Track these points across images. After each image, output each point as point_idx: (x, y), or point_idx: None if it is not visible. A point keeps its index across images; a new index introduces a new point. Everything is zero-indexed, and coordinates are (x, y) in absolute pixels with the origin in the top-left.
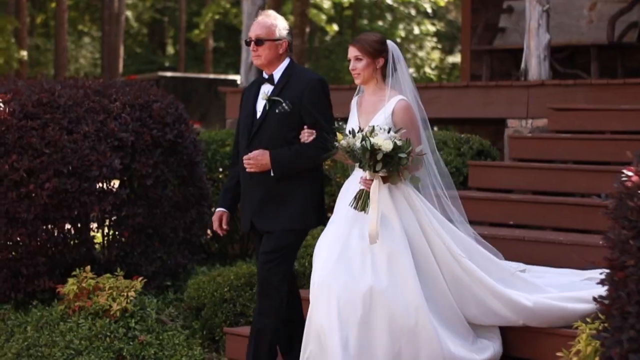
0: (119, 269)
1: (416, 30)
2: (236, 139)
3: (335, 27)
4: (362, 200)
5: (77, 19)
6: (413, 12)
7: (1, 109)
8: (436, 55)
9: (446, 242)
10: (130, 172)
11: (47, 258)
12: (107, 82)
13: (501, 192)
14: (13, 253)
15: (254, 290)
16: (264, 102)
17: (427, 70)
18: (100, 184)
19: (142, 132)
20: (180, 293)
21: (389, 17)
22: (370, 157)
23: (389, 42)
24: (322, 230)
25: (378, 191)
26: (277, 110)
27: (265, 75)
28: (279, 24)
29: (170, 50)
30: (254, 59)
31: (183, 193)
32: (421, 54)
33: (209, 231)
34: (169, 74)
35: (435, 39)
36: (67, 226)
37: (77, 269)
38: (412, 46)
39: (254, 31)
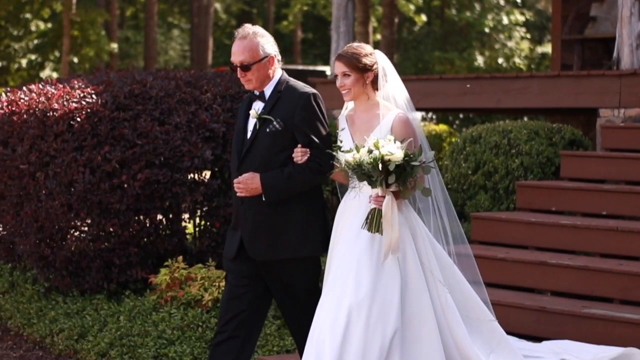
0: (210, 259)
1: (505, 20)
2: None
3: (423, 17)
4: (375, 221)
5: (167, 11)
6: (502, 1)
7: (94, 100)
8: (525, 45)
9: (438, 278)
10: (221, 163)
11: (139, 248)
12: (198, 73)
13: (594, 182)
14: (106, 243)
15: None
16: (255, 120)
17: (517, 60)
18: (192, 175)
19: (233, 122)
20: None
21: (477, 7)
22: (381, 169)
23: (377, 53)
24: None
25: (392, 207)
26: (267, 130)
27: (256, 92)
28: (260, 41)
29: None
30: (245, 84)
31: None
32: (510, 44)
33: None
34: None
35: (524, 29)
36: (159, 217)
37: (169, 260)
38: (501, 36)
39: (237, 57)
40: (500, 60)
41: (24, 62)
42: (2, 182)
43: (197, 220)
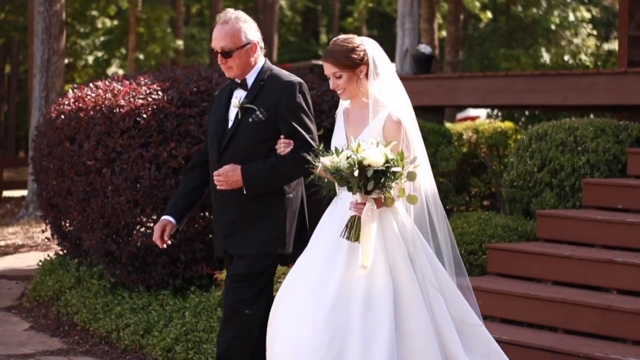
0: None
1: (571, 17)
2: (204, 147)
3: (489, 14)
4: (355, 229)
5: (232, 7)
6: None
7: (160, 97)
8: (591, 42)
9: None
10: None
11: (204, 244)
12: None
13: None
14: (172, 240)
15: None
16: (236, 109)
17: (583, 57)
18: None
19: None
20: None
21: (543, 3)
22: (359, 175)
23: (366, 41)
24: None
25: (372, 216)
26: (250, 119)
27: (238, 80)
28: (242, 26)
29: (323, 38)
30: (225, 71)
31: None
32: (576, 40)
33: None
34: (322, 62)
35: (590, 26)
36: None
37: None
38: (567, 33)
39: (218, 43)
40: (566, 57)
41: (90, 59)
42: (69, 178)
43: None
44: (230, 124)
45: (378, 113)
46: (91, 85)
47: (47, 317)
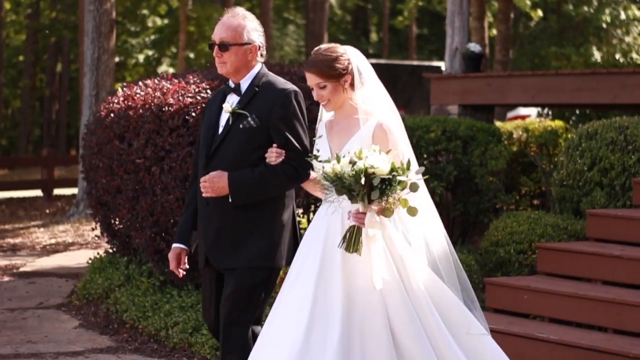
0: None
1: (622, 15)
2: (195, 157)
3: (539, 12)
4: (354, 240)
5: (282, 6)
6: None
7: (208, 95)
8: None
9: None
10: None
11: None
12: None
13: None
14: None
15: None
16: (228, 115)
17: (634, 55)
18: None
19: None
20: None
21: (594, 2)
22: (364, 183)
23: (349, 50)
24: None
25: (375, 226)
26: (241, 125)
27: (232, 84)
28: (247, 25)
29: (373, 37)
30: (218, 66)
31: None
32: (628, 39)
33: None
34: (372, 60)
35: None
36: None
37: None
38: (619, 31)
39: (218, 34)
40: (617, 56)
41: (141, 57)
42: (118, 177)
43: (311, 215)
44: (220, 129)
45: (365, 122)
46: (140, 83)
47: (96, 315)
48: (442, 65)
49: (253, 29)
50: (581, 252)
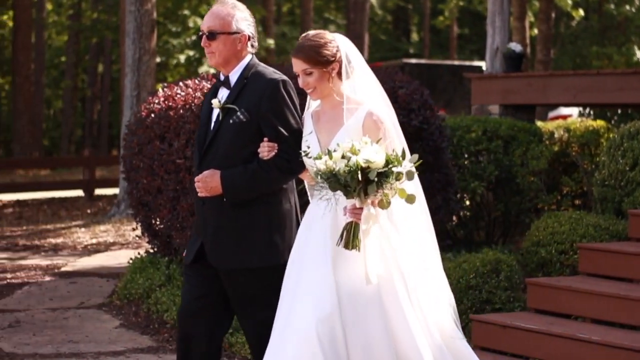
0: None
1: None
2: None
3: (581, 12)
4: (352, 236)
5: (323, 6)
6: None
7: None
8: None
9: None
10: None
11: None
12: None
13: None
14: None
15: (500, 277)
16: (218, 110)
17: None
18: None
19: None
20: None
21: (636, 1)
22: (361, 179)
23: (338, 37)
24: None
25: (370, 218)
26: (231, 121)
27: (222, 77)
28: (236, 14)
29: (414, 37)
30: (208, 57)
31: (428, 179)
32: None
33: (454, 217)
34: (413, 60)
35: None
36: None
37: None
38: None
39: (206, 23)
40: None
41: (182, 58)
42: (159, 177)
43: None
44: (212, 126)
45: (354, 112)
46: (181, 84)
47: (137, 315)
48: (482, 65)
49: (242, 19)
50: (623, 252)
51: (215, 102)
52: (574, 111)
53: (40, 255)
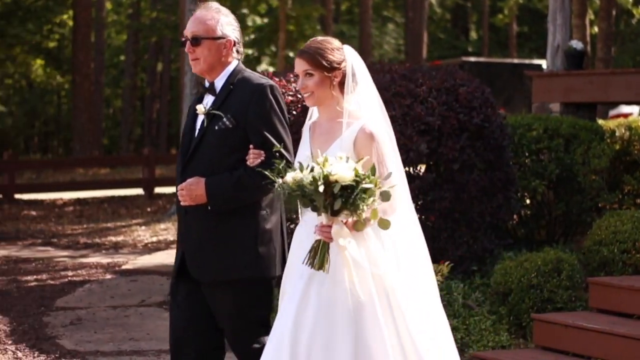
0: None
1: None
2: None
3: None
4: (319, 255)
5: (382, 5)
6: None
7: None
8: None
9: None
10: (436, 157)
11: None
12: (413, 66)
13: None
14: None
15: (562, 276)
16: (203, 117)
17: None
18: (407, 168)
19: (448, 116)
20: (487, 278)
21: None
22: (325, 192)
23: (346, 48)
24: None
25: (344, 235)
26: (216, 127)
27: (207, 84)
28: (221, 18)
29: (473, 35)
30: (191, 64)
31: (490, 177)
32: None
33: (515, 216)
34: (472, 58)
35: None
36: None
37: None
38: None
39: (190, 28)
40: None
41: None
42: None
43: None
44: (196, 132)
45: (351, 125)
46: None
47: None
48: (542, 63)
49: (227, 23)
50: None
51: (200, 107)
52: (634, 110)
53: (101, 253)
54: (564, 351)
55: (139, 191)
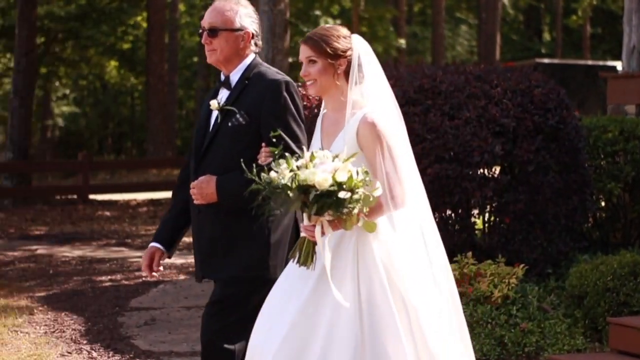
0: (499, 256)
1: None
2: (186, 161)
3: None
4: (304, 252)
5: (454, 6)
6: None
7: None
8: None
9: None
10: (511, 158)
11: None
12: (488, 67)
13: None
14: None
15: (638, 279)
16: (217, 113)
17: None
18: (482, 170)
19: (523, 117)
20: (562, 281)
21: None
22: (303, 196)
23: (354, 37)
24: None
25: (325, 240)
26: (229, 124)
27: (223, 77)
28: (240, 10)
29: (546, 36)
30: (207, 54)
31: (565, 179)
32: None
33: (590, 218)
34: (546, 60)
35: None
36: (448, 211)
37: (459, 255)
38: None
39: (207, 19)
40: None
41: None
42: None
43: (487, 215)
44: (210, 128)
45: (354, 116)
46: None
47: None
48: (617, 64)
49: (246, 15)
50: None
51: (213, 103)
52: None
53: (175, 254)
54: None
55: None
